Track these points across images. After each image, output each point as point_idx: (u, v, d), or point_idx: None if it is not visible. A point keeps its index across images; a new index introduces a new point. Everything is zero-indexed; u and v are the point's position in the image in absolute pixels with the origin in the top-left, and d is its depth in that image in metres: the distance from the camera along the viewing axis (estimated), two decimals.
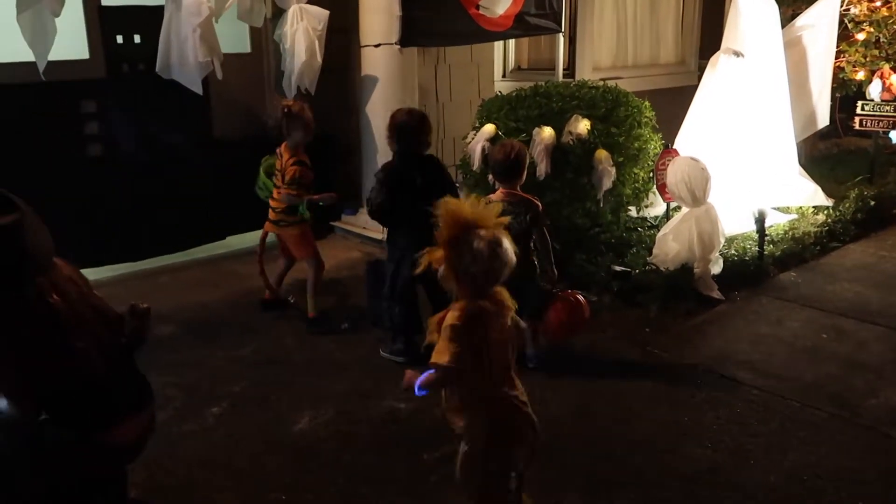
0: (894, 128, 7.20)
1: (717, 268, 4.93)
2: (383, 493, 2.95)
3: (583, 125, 5.02)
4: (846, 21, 7.55)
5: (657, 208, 5.73)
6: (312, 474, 3.08)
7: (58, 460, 2.31)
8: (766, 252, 5.29)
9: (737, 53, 6.02)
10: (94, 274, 4.58)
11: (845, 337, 4.33)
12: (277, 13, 5.47)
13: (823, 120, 7.10)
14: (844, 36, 7.54)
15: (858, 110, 7.32)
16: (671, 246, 4.90)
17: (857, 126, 7.42)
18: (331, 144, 5.84)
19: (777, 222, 5.95)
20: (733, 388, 3.76)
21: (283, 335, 4.35)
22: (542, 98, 5.33)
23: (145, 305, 2.55)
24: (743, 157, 5.96)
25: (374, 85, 5.74)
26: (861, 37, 7.55)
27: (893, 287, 5.07)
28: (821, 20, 6.85)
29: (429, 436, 3.21)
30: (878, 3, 7.53)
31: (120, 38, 5.09)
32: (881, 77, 7.21)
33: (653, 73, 8.05)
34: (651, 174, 5.39)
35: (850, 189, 6.71)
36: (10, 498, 2.35)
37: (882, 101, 7.16)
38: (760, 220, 5.22)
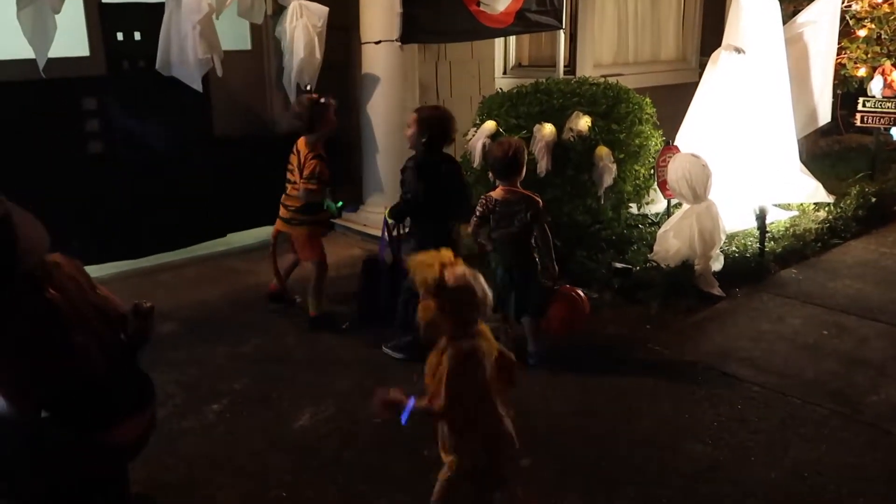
0: (895, 124, 7.20)
1: (717, 265, 4.93)
2: (383, 490, 2.96)
3: (583, 122, 5.02)
4: (847, 17, 7.55)
5: (658, 205, 5.72)
6: (313, 471, 3.08)
7: (58, 460, 2.31)
8: (766, 249, 5.29)
9: (738, 50, 6.01)
10: (95, 271, 4.57)
11: (846, 333, 4.33)
12: (278, 10, 5.46)
13: (825, 117, 7.10)
14: (846, 32, 7.54)
15: (860, 107, 7.33)
16: (672, 243, 4.90)
17: (858, 123, 7.43)
18: (331, 141, 5.83)
19: (778, 219, 5.95)
20: (734, 384, 3.76)
21: (284, 333, 4.35)
22: (543, 95, 5.32)
23: (149, 304, 2.54)
24: (744, 153, 5.95)
25: (374, 82, 5.73)
26: (862, 33, 7.54)
27: (894, 283, 5.07)
28: (822, 17, 6.85)
29: (428, 433, 3.17)
30: (879, 0, 7.51)
31: (120, 35, 5.08)
32: (882, 74, 7.21)
33: (654, 70, 8.05)
34: (652, 171, 5.38)
35: (852, 186, 6.71)
36: (10, 497, 2.35)
37: (883, 97, 7.16)
38: (761, 216, 5.21)
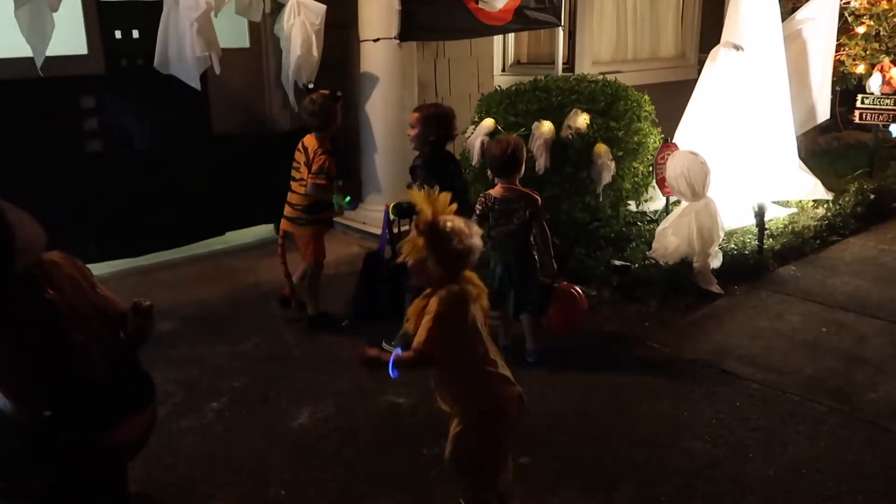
0: (894, 121, 7.21)
1: (716, 262, 4.93)
2: (383, 488, 2.96)
3: (582, 119, 5.02)
4: (846, 14, 7.55)
5: (657, 202, 5.73)
6: (312, 470, 3.08)
7: (58, 459, 2.30)
8: (765, 246, 5.29)
9: (737, 47, 6.00)
10: (94, 270, 4.53)
11: (845, 331, 4.33)
12: (277, 8, 5.45)
13: (823, 114, 7.10)
14: (844, 29, 7.54)
15: (858, 104, 7.33)
16: (671, 240, 4.90)
17: (857, 120, 7.43)
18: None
19: (777, 216, 5.95)
20: (733, 382, 3.76)
21: (284, 331, 4.35)
22: (542, 92, 5.32)
23: (148, 303, 2.54)
24: (743, 151, 5.95)
25: (372, 80, 5.72)
26: (861, 30, 7.54)
27: (893, 280, 5.07)
28: (821, 13, 6.85)
29: (428, 431, 3.21)
30: None
31: (119, 33, 5.06)
32: (881, 70, 7.21)
33: (653, 67, 8.05)
34: (650, 168, 5.38)
35: (850, 183, 6.71)
36: (11, 496, 2.35)
37: (882, 94, 7.16)
38: (760, 213, 5.21)
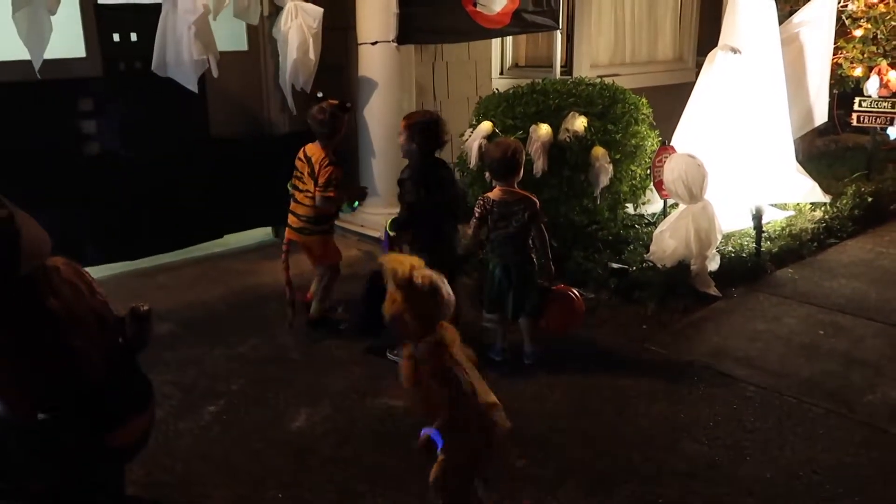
0: (892, 124, 7.22)
1: (714, 264, 4.93)
2: (380, 489, 2.96)
3: (580, 122, 5.03)
4: (844, 17, 7.55)
5: (654, 205, 5.73)
6: (309, 471, 3.08)
7: (59, 461, 2.31)
8: (763, 249, 5.29)
9: (734, 50, 6.01)
10: (92, 273, 4.54)
11: (842, 333, 4.33)
12: (275, 11, 5.46)
13: (821, 117, 7.10)
14: (842, 32, 7.54)
15: (856, 107, 7.35)
16: (668, 243, 4.90)
17: (854, 122, 7.44)
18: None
19: (774, 219, 5.95)
20: (730, 384, 3.76)
21: (281, 333, 4.34)
22: (539, 95, 5.33)
23: (146, 307, 2.53)
24: (740, 153, 5.95)
25: (371, 83, 5.73)
26: (859, 33, 7.55)
27: (891, 283, 5.07)
28: (818, 17, 6.84)
29: None
30: (875, 0, 7.53)
31: (116, 37, 5.06)
32: (879, 73, 7.22)
33: (651, 70, 8.06)
34: (648, 171, 5.38)
35: (848, 185, 6.72)
36: (11, 498, 2.35)
37: (879, 97, 7.17)
38: (758, 216, 5.22)
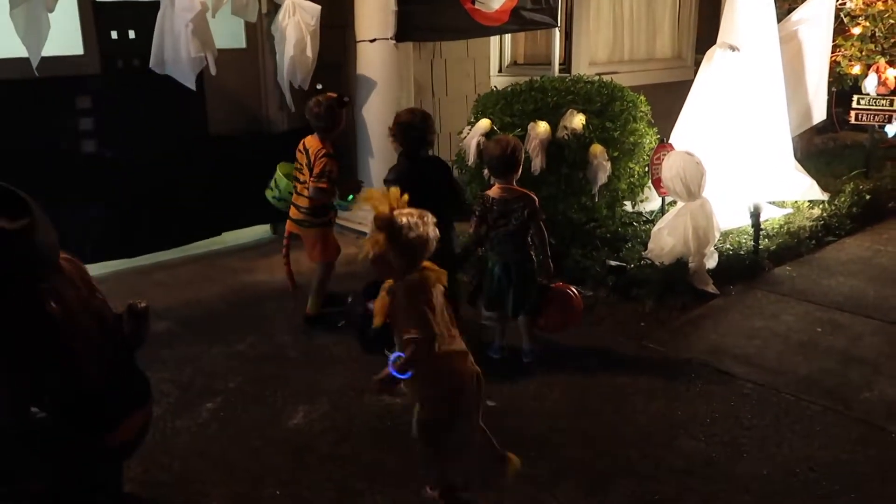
0: (890, 122, 7.23)
1: (712, 262, 4.93)
2: (378, 486, 2.96)
3: (578, 120, 5.03)
4: (842, 15, 7.56)
5: (652, 203, 5.73)
6: (307, 469, 3.09)
7: (57, 461, 2.30)
8: (761, 246, 5.29)
9: (733, 48, 6.01)
10: (90, 270, 4.55)
11: (840, 331, 4.34)
12: (273, 8, 5.45)
13: (820, 114, 7.10)
14: (840, 30, 7.55)
15: (854, 104, 7.35)
16: (666, 240, 4.91)
17: (853, 120, 7.45)
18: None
19: (772, 216, 5.96)
20: (728, 381, 3.77)
21: (279, 331, 4.35)
22: (538, 93, 5.33)
23: (143, 305, 2.52)
24: (738, 151, 5.96)
25: (369, 81, 5.73)
26: (857, 31, 7.55)
27: (889, 281, 5.08)
28: (817, 14, 6.84)
29: None
30: None
31: (115, 34, 5.06)
32: (877, 71, 7.22)
33: (649, 68, 8.07)
34: (646, 169, 5.39)
35: (846, 183, 6.72)
36: (10, 498, 2.34)
37: (878, 95, 7.17)
38: (756, 214, 5.22)
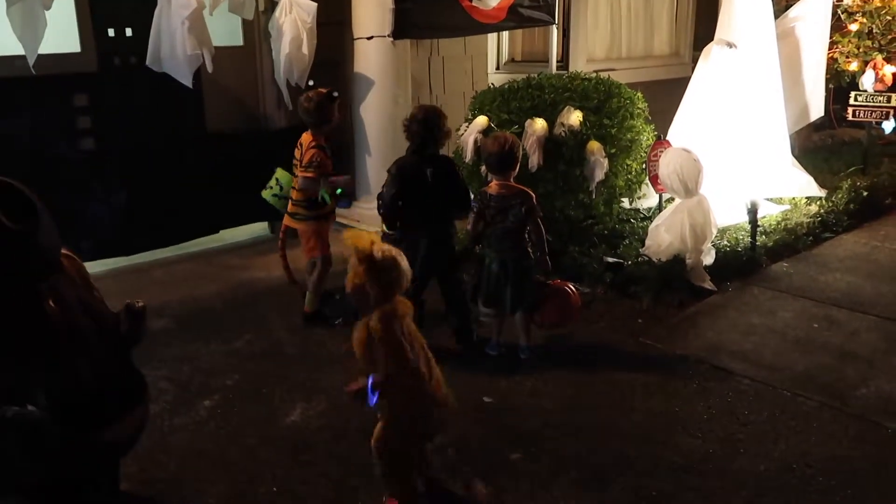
0: (887, 118, 7.23)
1: (709, 259, 4.94)
2: (375, 483, 2.95)
3: (575, 117, 5.03)
4: (839, 12, 7.56)
5: (650, 200, 5.73)
6: (305, 466, 3.09)
7: (51, 457, 2.30)
8: (758, 243, 5.30)
9: (730, 44, 6.01)
10: (88, 268, 4.56)
11: (837, 327, 4.34)
12: (270, 6, 5.45)
13: (817, 111, 7.10)
14: (837, 27, 7.55)
15: (852, 101, 7.36)
16: (663, 237, 4.91)
17: (850, 117, 7.46)
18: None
19: (770, 213, 5.96)
20: (725, 378, 3.77)
21: (276, 329, 4.35)
22: (535, 90, 5.32)
23: (140, 304, 2.53)
24: (736, 148, 5.96)
25: (366, 78, 5.73)
26: (854, 27, 7.55)
27: (885, 277, 5.09)
28: (814, 11, 6.84)
29: None
30: None
31: (111, 31, 5.06)
32: (874, 68, 7.23)
33: (647, 65, 8.04)
34: (644, 165, 5.39)
35: (844, 180, 6.73)
36: (5, 494, 2.35)
37: (875, 91, 7.18)
38: (753, 210, 5.22)
